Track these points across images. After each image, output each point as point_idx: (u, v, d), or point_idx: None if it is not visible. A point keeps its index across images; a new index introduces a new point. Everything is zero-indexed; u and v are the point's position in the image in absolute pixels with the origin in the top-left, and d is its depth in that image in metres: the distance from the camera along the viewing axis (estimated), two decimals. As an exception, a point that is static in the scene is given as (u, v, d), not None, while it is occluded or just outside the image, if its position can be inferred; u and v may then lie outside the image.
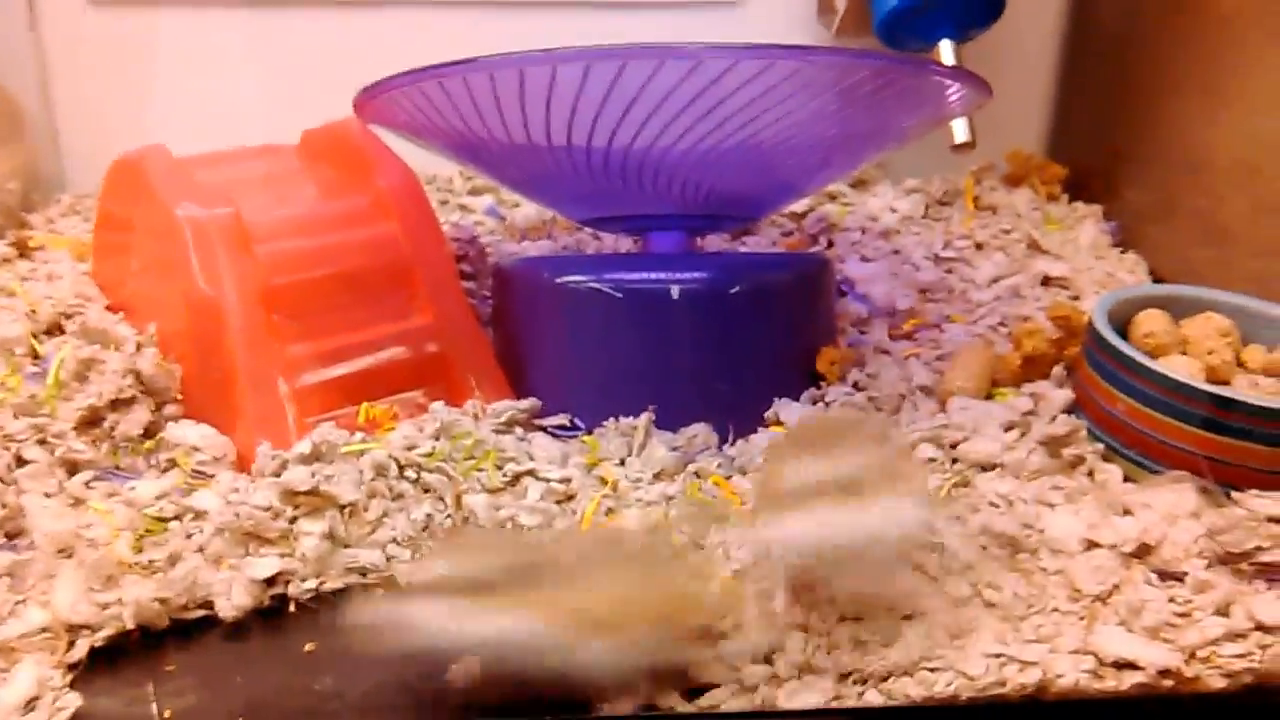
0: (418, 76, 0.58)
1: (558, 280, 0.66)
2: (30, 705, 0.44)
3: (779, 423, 0.65)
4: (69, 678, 0.46)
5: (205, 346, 0.60)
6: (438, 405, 0.61)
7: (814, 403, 0.66)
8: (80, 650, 0.47)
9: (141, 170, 0.63)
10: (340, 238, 0.64)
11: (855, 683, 0.46)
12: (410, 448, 0.58)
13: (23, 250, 0.78)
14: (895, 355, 0.71)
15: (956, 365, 0.68)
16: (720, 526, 0.55)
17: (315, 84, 0.89)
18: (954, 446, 0.61)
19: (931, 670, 0.47)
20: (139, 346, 0.60)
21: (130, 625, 0.48)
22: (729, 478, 0.60)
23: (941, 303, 0.78)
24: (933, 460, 0.60)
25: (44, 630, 0.47)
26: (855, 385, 0.67)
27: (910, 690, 0.46)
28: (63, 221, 0.85)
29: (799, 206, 0.90)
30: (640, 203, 0.68)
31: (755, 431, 0.64)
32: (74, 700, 0.45)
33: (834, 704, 0.46)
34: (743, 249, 0.86)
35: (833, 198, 0.92)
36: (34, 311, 0.66)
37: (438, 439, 0.59)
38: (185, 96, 0.92)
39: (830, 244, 0.86)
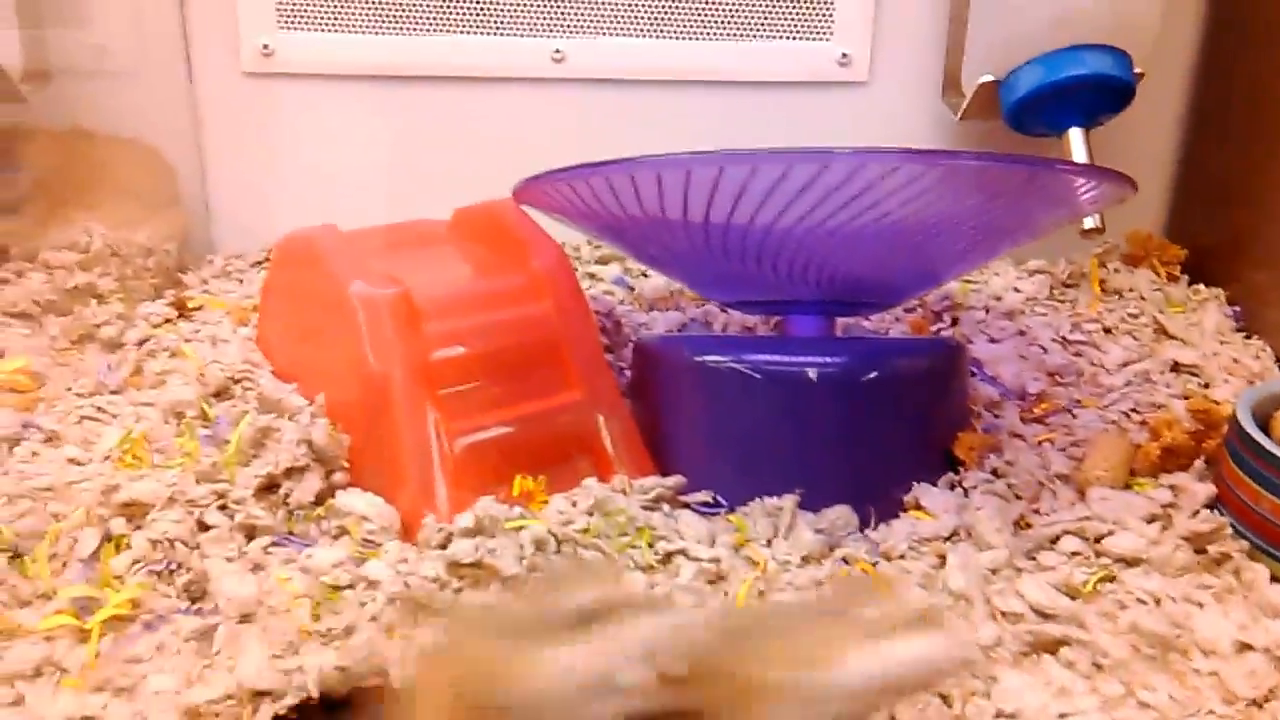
0: (584, 172, 0.61)
1: (698, 359, 0.68)
2: (226, 767, 0.46)
3: (919, 507, 0.66)
4: (258, 741, 0.49)
5: (373, 418, 0.62)
6: (591, 481, 0.63)
7: (951, 488, 0.67)
8: (264, 716, 0.49)
9: (314, 246, 0.66)
10: (498, 316, 0.66)
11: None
12: (567, 523, 0.60)
13: (181, 310, 0.83)
14: (1029, 440, 0.72)
15: (1095, 453, 0.69)
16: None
17: (449, 165, 0.94)
18: (1098, 540, 0.62)
19: (1091, 771, 0.47)
20: (312, 417, 0.63)
21: (314, 693, 0.50)
22: (875, 564, 0.61)
23: (1071, 387, 0.79)
24: (1076, 554, 0.61)
25: (229, 697, 0.49)
26: (994, 472, 0.68)
27: (1071, 790, 0.47)
28: (215, 283, 0.89)
29: (922, 284, 0.91)
30: (779, 288, 0.70)
31: (896, 516, 0.65)
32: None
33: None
34: (866, 324, 0.88)
35: (955, 277, 0.93)
36: (203, 375, 0.70)
37: (592, 514, 0.61)
38: (328, 166, 0.96)
39: (955, 321, 0.87)
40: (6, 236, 0.84)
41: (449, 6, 0.92)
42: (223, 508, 0.59)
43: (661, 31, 0.94)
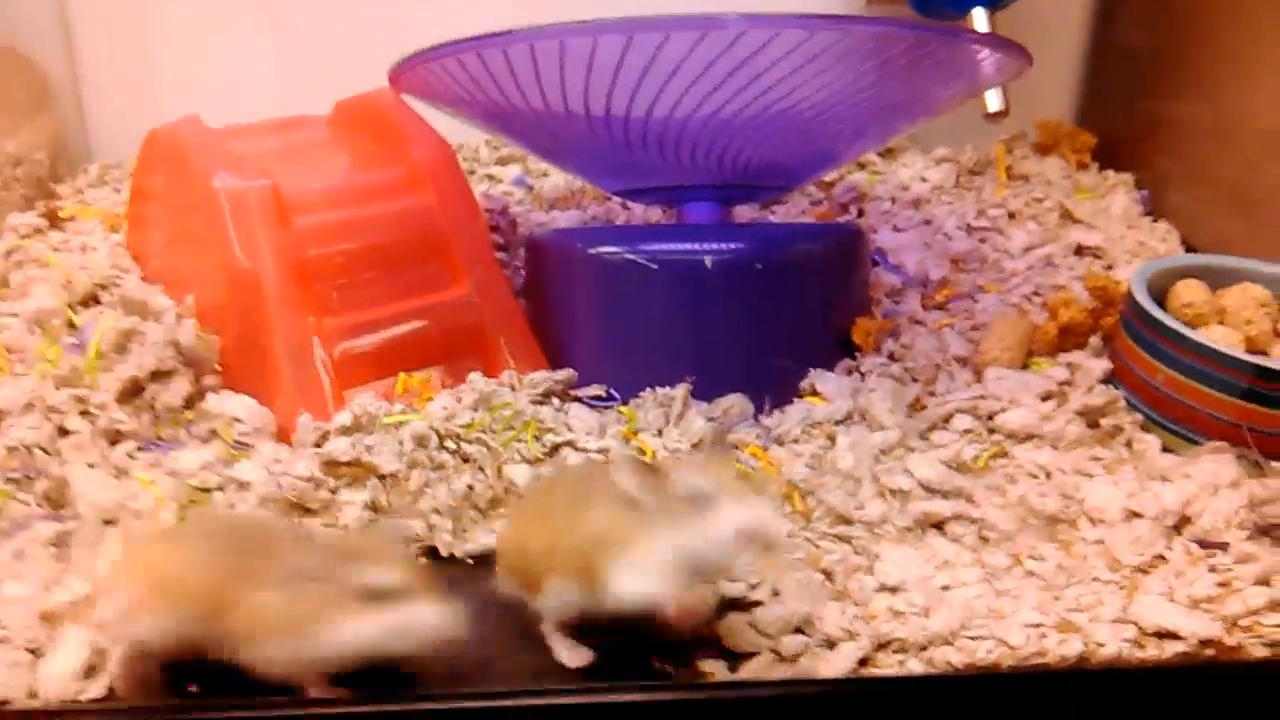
0: (456, 48, 0.58)
1: (592, 251, 0.66)
2: (89, 673, 0.44)
3: (815, 393, 0.65)
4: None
5: (244, 318, 0.60)
6: (476, 376, 0.61)
7: (849, 373, 0.66)
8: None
9: (177, 142, 0.63)
10: (376, 210, 0.64)
11: (895, 651, 0.47)
12: (450, 418, 0.58)
13: (53, 220, 0.79)
14: (929, 325, 0.71)
15: (992, 335, 0.68)
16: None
17: (337, 54, 0.89)
18: (991, 417, 0.61)
19: (972, 639, 0.47)
20: (179, 318, 0.60)
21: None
22: (766, 449, 0.60)
23: (974, 273, 0.78)
24: (969, 431, 0.60)
25: (88, 599, 0.47)
26: (890, 356, 0.67)
27: (951, 658, 0.46)
28: (91, 192, 0.85)
29: (829, 175, 0.89)
30: (676, 174, 0.68)
31: (791, 402, 0.64)
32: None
33: (872, 672, 0.46)
34: (772, 218, 0.86)
35: (862, 166, 0.92)
36: (70, 283, 0.66)
37: (476, 410, 0.59)
38: (209, 66, 0.91)
39: (861, 213, 0.86)
40: None
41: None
42: (84, 413, 0.56)
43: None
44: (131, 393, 0.58)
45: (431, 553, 0.54)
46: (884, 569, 0.51)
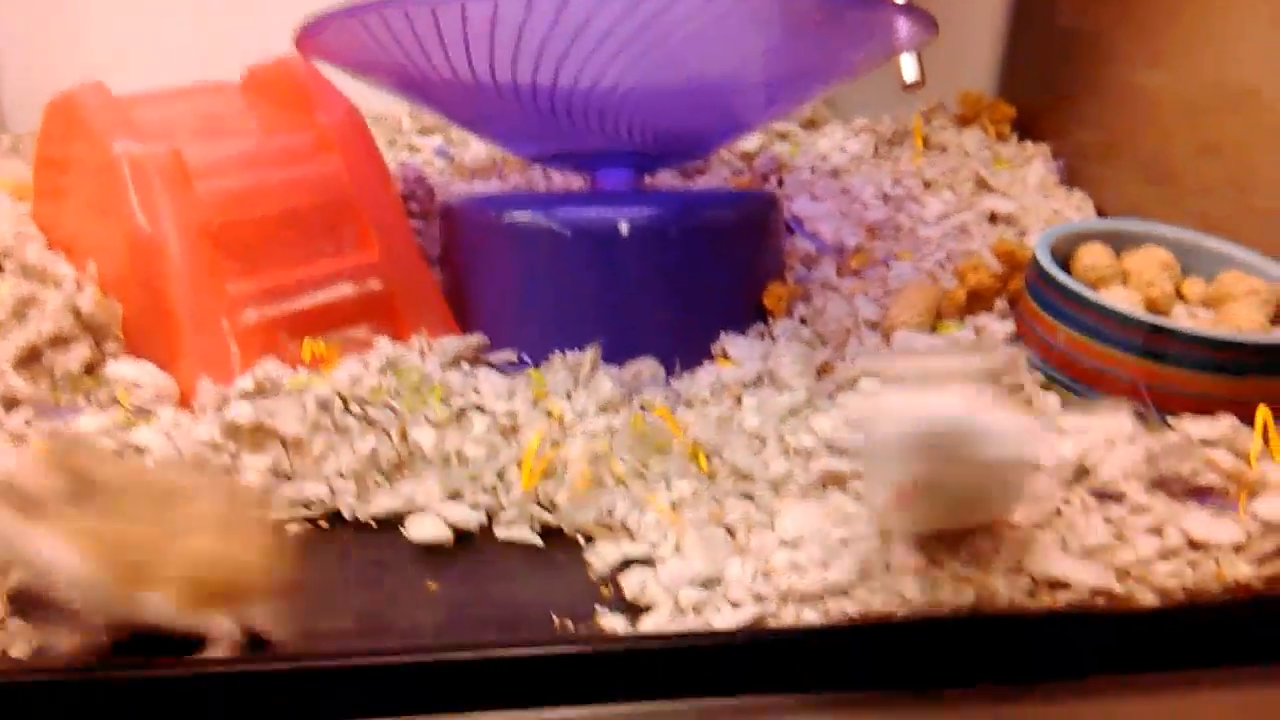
0: (358, 10, 0.58)
1: (505, 218, 0.66)
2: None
3: (725, 356, 0.65)
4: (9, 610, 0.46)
5: (146, 285, 0.59)
6: (383, 341, 0.61)
7: (760, 337, 0.67)
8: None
9: (78, 108, 0.62)
10: (282, 175, 0.63)
11: (792, 602, 0.47)
12: (355, 383, 0.58)
13: (-40, 192, 0.77)
14: (842, 291, 0.72)
15: (901, 300, 0.69)
16: (662, 456, 0.56)
17: (258, 19, 0.88)
18: (894, 378, 0.62)
19: (869, 592, 0.48)
20: (79, 285, 0.60)
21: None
22: (673, 410, 0.60)
23: (889, 240, 0.79)
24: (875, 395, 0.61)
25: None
26: (801, 319, 0.68)
27: (848, 609, 0.47)
28: (3, 162, 0.83)
29: (749, 145, 0.90)
30: (588, 139, 0.68)
31: (701, 365, 0.65)
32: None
33: (768, 624, 0.46)
34: (694, 187, 0.86)
35: (783, 137, 0.92)
36: (-29, 251, 0.65)
37: (384, 374, 0.59)
38: (126, 34, 0.90)
39: (781, 183, 0.86)
40: None
41: None
42: (-22, 380, 0.55)
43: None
44: (30, 359, 0.57)
45: (335, 516, 0.53)
46: (783, 524, 0.51)
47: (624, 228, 0.65)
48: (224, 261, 0.60)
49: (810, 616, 0.47)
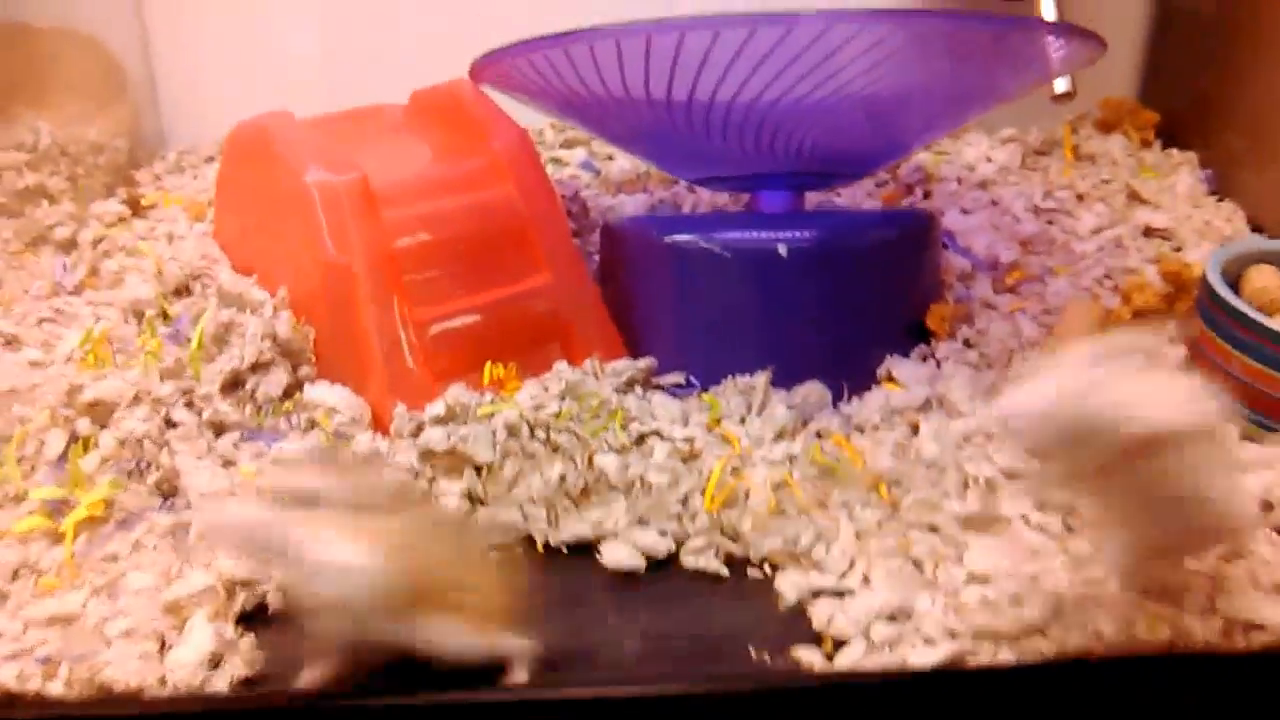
0: (544, 44, 0.59)
1: (667, 240, 0.67)
2: (215, 662, 0.46)
3: (891, 379, 0.66)
4: (240, 631, 0.48)
5: (336, 310, 0.61)
6: (562, 365, 0.63)
7: (924, 359, 0.67)
8: (242, 603, 0.49)
9: (266, 135, 0.64)
10: (459, 201, 0.65)
11: (987, 640, 0.48)
12: (539, 408, 0.59)
13: (135, 208, 0.81)
14: (1001, 310, 0.72)
15: (1065, 321, 0.68)
16: (843, 485, 0.57)
17: (411, 41, 0.90)
18: (1068, 404, 0.62)
19: (1063, 629, 0.48)
20: (275, 310, 0.62)
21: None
22: (848, 436, 0.61)
23: (1043, 255, 0.78)
24: (1049, 419, 0.61)
25: (210, 589, 0.49)
26: (965, 342, 0.68)
27: (1043, 647, 0.47)
28: (170, 179, 0.87)
29: (893, 157, 0.90)
30: (751, 162, 0.69)
31: (868, 389, 0.65)
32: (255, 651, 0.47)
33: (967, 662, 0.47)
34: (839, 200, 0.86)
35: (927, 147, 0.92)
36: (161, 273, 0.68)
37: (564, 399, 0.60)
38: (281, 52, 0.93)
39: (928, 194, 0.86)
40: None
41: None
42: (189, 405, 0.58)
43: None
44: (233, 384, 0.60)
45: (527, 541, 0.55)
46: (972, 558, 0.52)
47: (783, 250, 0.66)
48: (409, 287, 0.62)
49: (1007, 655, 0.47)
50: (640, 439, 0.60)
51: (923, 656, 0.47)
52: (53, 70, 0.84)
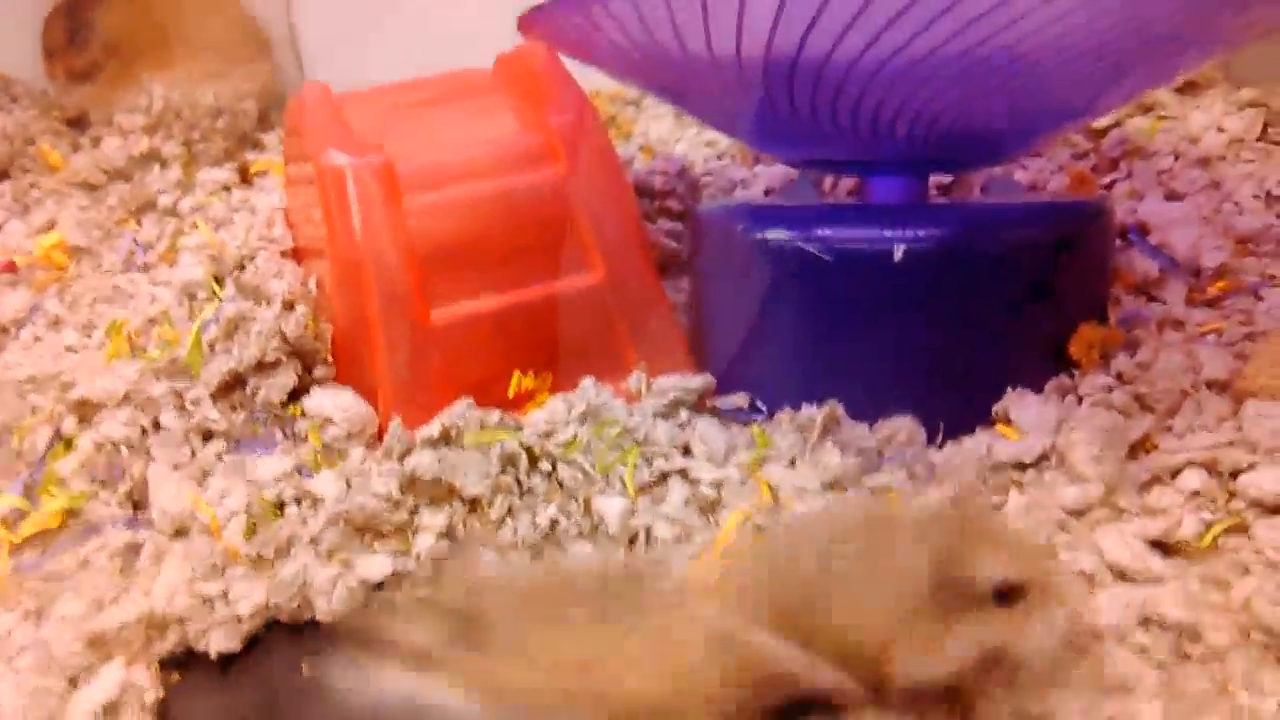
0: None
1: (754, 235, 0.56)
2: (111, 710, 0.42)
3: (1007, 421, 0.52)
4: (157, 676, 0.44)
5: (350, 306, 0.55)
6: (588, 383, 0.54)
7: (1061, 395, 0.53)
8: (169, 645, 0.45)
9: (300, 109, 0.59)
10: (499, 184, 0.56)
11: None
12: (548, 434, 0.51)
13: (245, 176, 0.78)
14: (1189, 330, 0.56)
15: (1266, 353, 0.52)
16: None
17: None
18: (1235, 475, 0.46)
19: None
20: (288, 305, 0.57)
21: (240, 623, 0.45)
22: (922, 492, 0.48)
23: (1266, 259, 0.61)
24: (1198, 494, 0.46)
25: (138, 622, 0.45)
26: (1119, 376, 0.53)
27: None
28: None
29: (1099, 122, 0.73)
30: (864, 146, 0.56)
31: (972, 431, 0.52)
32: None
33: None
34: (1020, 175, 0.71)
35: (1146, 109, 0.74)
36: (218, 252, 0.64)
37: (583, 423, 0.52)
38: (428, 12, 0.87)
39: (1129, 173, 0.69)
40: (84, 102, 0.81)
41: None
42: (181, 407, 0.54)
43: None
44: (235, 385, 0.55)
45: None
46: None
47: (898, 253, 0.53)
48: (430, 282, 0.55)
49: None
50: (662, 478, 0.50)
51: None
52: (183, 29, 0.82)
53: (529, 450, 0.50)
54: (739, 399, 0.55)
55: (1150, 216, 0.64)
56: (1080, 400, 0.52)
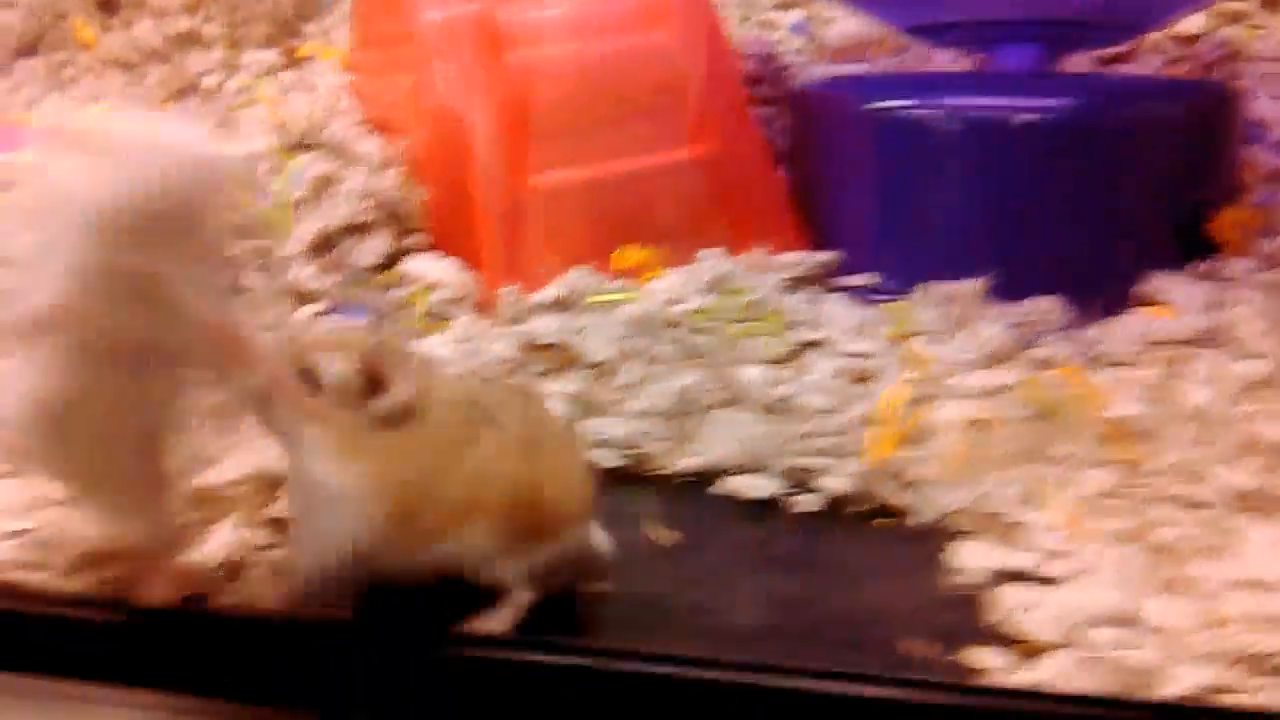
0: None
1: (871, 106, 0.53)
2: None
3: (1156, 301, 0.50)
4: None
5: (449, 168, 0.51)
6: (711, 253, 0.50)
7: (1206, 278, 0.51)
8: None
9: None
10: (607, 46, 0.53)
11: (1259, 674, 0.33)
12: (674, 302, 0.47)
13: (290, 60, 0.73)
14: (1319, 224, 0.54)
15: None
16: (1067, 435, 0.42)
17: None
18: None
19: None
20: (382, 166, 0.52)
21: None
22: (1084, 370, 0.46)
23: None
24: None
25: (244, 483, 0.41)
26: (1269, 258, 0.51)
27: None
28: (338, 31, 0.79)
29: (1191, 26, 0.71)
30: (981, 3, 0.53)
31: (1121, 311, 0.50)
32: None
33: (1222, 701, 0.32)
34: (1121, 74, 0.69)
35: (1236, 18, 0.72)
36: (283, 125, 0.60)
37: (709, 293, 0.48)
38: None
39: (1234, 77, 0.67)
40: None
41: None
42: (263, 268, 0.49)
43: None
44: (322, 247, 0.51)
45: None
46: (1238, 557, 0.36)
47: (1026, 120, 0.51)
48: (535, 146, 0.51)
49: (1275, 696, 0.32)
50: (800, 349, 0.47)
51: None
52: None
53: (658, 317, 0.47)
54: (867, 278, 0.52)
55: (1266, 115, 0.62)
56: (1227, 282, 0.50)
